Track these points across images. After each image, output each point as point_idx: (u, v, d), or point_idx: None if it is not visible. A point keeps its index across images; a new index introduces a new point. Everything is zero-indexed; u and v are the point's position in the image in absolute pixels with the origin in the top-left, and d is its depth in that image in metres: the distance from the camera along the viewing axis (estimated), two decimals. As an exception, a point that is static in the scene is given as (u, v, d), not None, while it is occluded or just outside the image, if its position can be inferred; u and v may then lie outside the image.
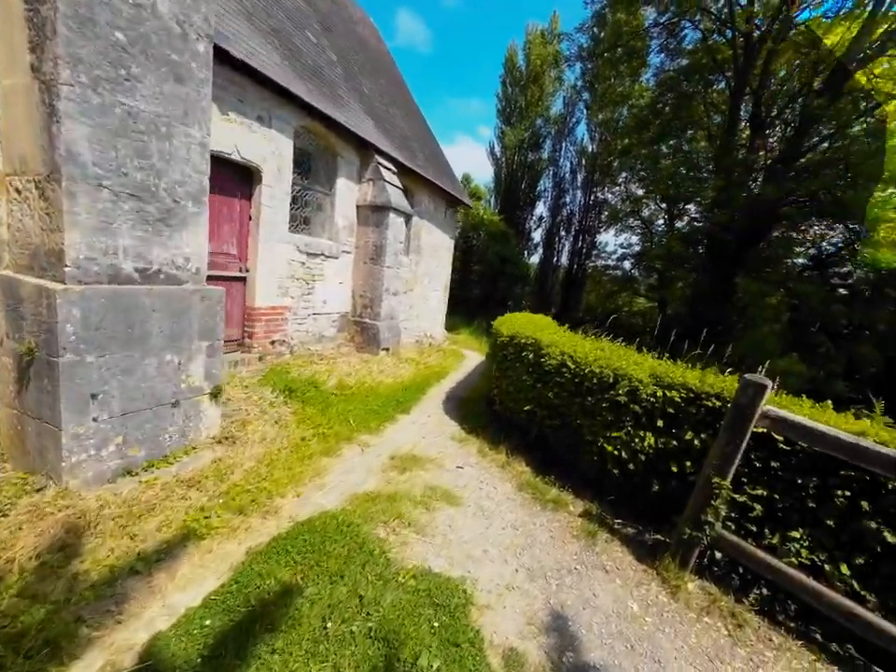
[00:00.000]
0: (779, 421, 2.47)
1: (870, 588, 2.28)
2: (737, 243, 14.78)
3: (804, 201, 13.68)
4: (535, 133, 29.53)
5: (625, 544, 3.04)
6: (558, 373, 3.76)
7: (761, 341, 12.48)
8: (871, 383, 18.28)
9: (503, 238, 24.23)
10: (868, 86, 14.51)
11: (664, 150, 19.74)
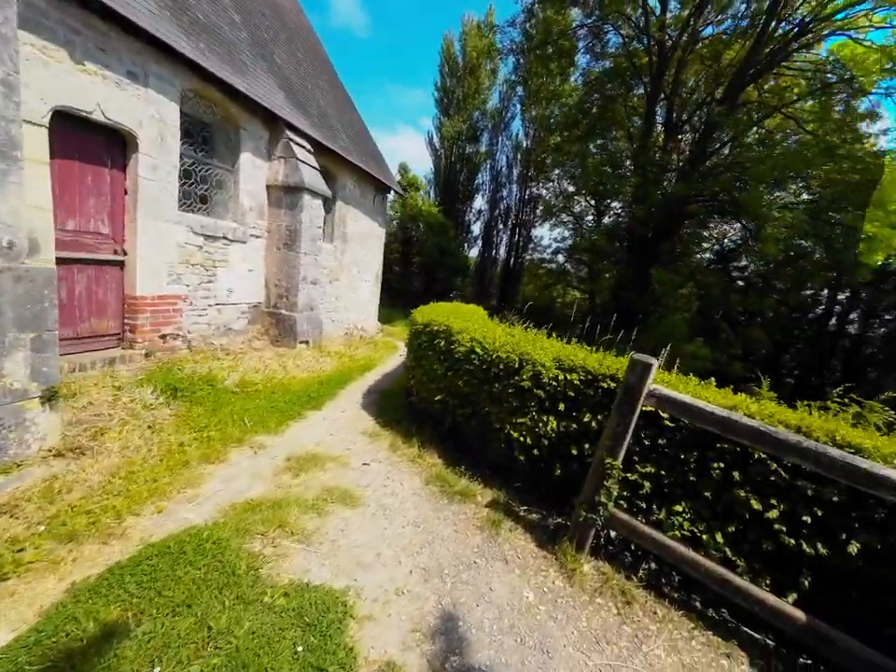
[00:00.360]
0: (664, 399, 2.50)
1: (740, 553, 2.39)
2: (653, 237, 15.95)
3: (708, 200, 15.06)
4: (472, 126, 29.60)
5: (529, 531, 2.98)
6: (468, 360, 3.63)
7: (673, 327, 13.58)
8: (762, 363, 20.84)
9: (442, 230, 24.10)
10: (758, 99, 16.25)
11: (591, 149, 20.73)
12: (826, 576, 2.21)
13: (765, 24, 14.30)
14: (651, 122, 17.49)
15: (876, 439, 2.27)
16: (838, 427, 2.32)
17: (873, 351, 17.19)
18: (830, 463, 2.02)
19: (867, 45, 14.17)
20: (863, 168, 12.78)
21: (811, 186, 13.77)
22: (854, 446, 2.17)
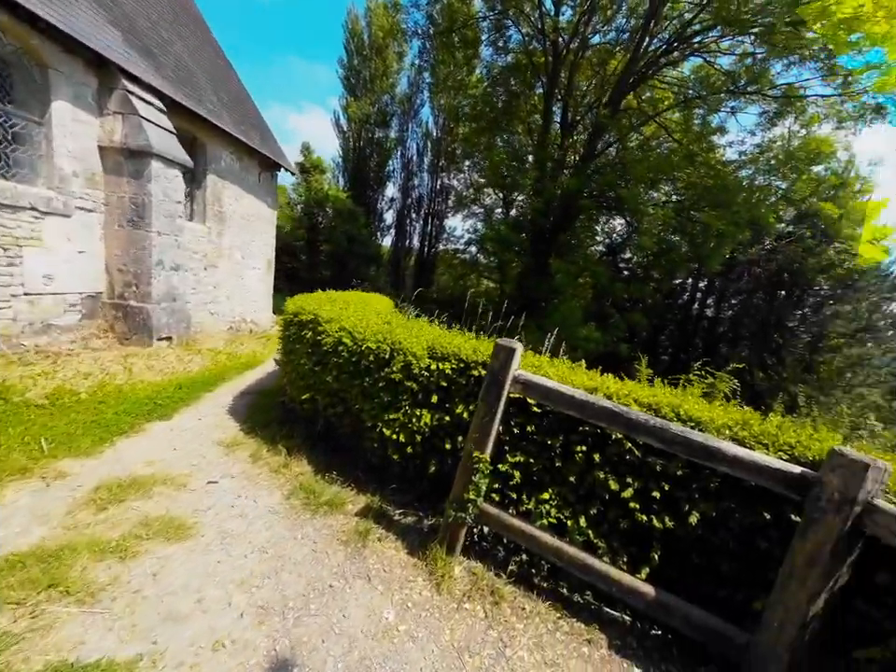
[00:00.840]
0: (528, 385, 2.37)
1: (601, 535, 2.38)
2: (553, 229, 16.94)
3: (597, 196, 16.40)
4: (382, 110, 28.49)
5: (401, 537, 2.70)
6: (336, 353, 3.21)
7: (569, 313, 14.60)
8: (644, 343, 23.63)
9: (352, 217, 22.91)
10: (637, 107, 18.00)
11: (498, 142, 21.27)
12: (673, 547, 2.27)
13: (641, 39, 15.78)
14: (549, 120, 18.45)
15: (713, 411, 2.38)
16: (682, 401, 2.40)
17: (724, 330, 20.50)
18: (672, 438, 2.04)
19: (717, 68, 16.49)
20: (715, 174, 14.95)
21: (678, 187, 15.71)
22: (694, 419, 2.24)
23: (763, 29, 13.10)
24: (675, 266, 16.70)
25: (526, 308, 17.23)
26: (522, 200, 21.80)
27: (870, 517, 1.64)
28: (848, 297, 15.33)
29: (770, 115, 16.05)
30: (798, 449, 2.02)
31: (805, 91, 14.56)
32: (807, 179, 15.57)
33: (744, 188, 15.03)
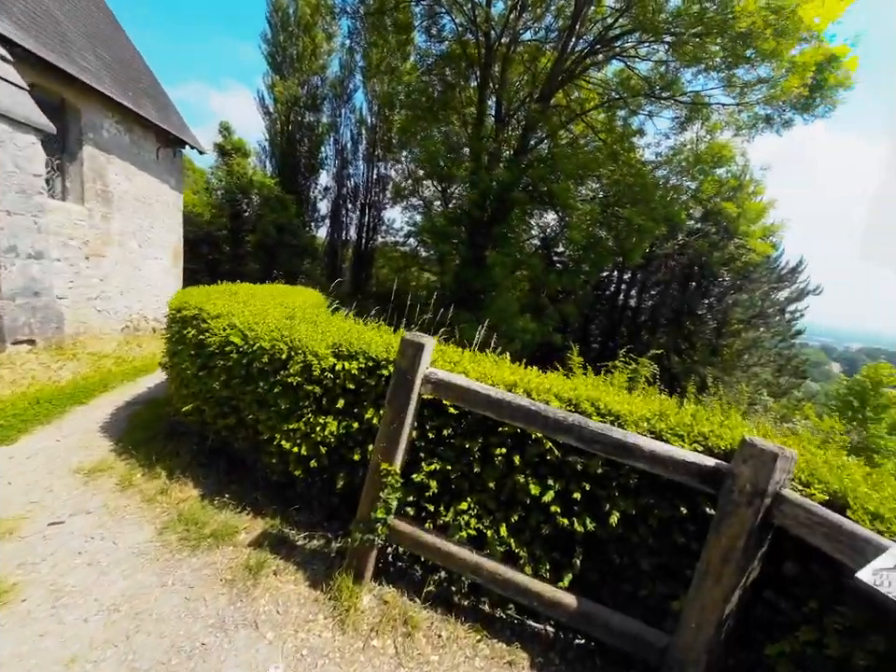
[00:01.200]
0: (440, 384, 2.10)
1: (522, 543, 2.19)
2: (489, 221, 17.05)
3: (529, 189, 16.74)
4: (312, 93, 26.78)
5: (303, 567, 2.32)
6: (223, 354, 2.71)
7: (506, 306, 14.81)
8: (576, 332, 24.86)
9: (281, 205, 21.33)
10: (566, 104, 18.62)
11: (435, 133, 20.90)
12: (595, 549, 2.15)
13: (567, 38, 16.27)
14: (483, 112, 18.46)
15: (632, 403, 2.29)
16: (602, 394, 2.28)
17: (645, 318, 22.18)
18: (591, 437, 1.88)
19: (636, 73, 17.53)
20: (636, 173, 15.93)
21: (603, 184, 16.52)
22: (614, 413, 2.12)
23: (674, 38, 14.09)
24: (602, 259, 17.62)
25: (465, 300, 17.26)
26: (459, 191, 21.75)
27: (779, 508, 1.59)
28: (745, 287, 17.25)
29: (681, 120, 17.42)
30: (712, 439, 1.96)
31: (710, 100, 15.98)
32: (712, 181, 17.18)
33: (660, 186, 16.19)
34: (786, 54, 11.89)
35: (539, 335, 17.04)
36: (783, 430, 8.74)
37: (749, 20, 10.73)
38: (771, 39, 11.02)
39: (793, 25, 10.38)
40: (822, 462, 1.87)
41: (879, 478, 1.84)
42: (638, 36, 16.01)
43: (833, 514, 1.45)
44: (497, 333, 14.83)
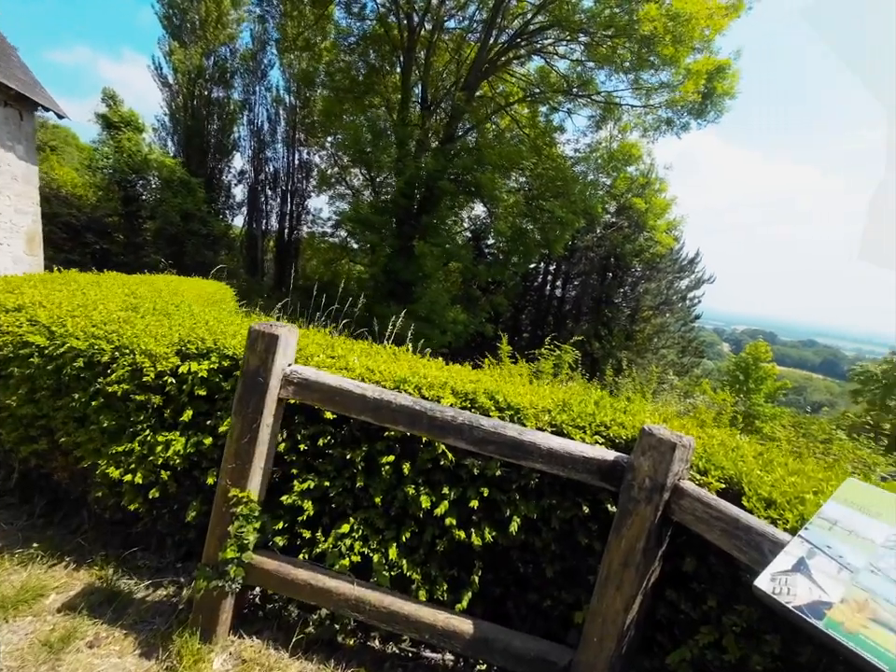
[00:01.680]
0: (305, 385, 1.69)
1: (415, 563, 1.89)
2: (418, 211, 16.66)
3: (456, 178, 16.62)
4: (221, 66, 24.15)
5: (136, 629, 1.79)
6: (20, 358, 2.03)
7: (437, 297, 14.61)
8: (507, 322, 25.54)
9: (187, 189, 18.99)
10: (491, 96, 18.73)
11: (360, 118, 19.87)
12: (497, 559, 1.91)
13: (489, 29, 16.28)
14: (408, 98, 17.92)
15: (536, 393, 2.08)
16: (502, 386, 2.03)
17: (569, 307, 23.41)
18: (483, 437, 1.61)
19: (556, 70, 18.14)
20: (557, 167, 16.53)
21: (527, 176, 16.92)
22: (514, 407, 1.88)
23: (589, 39, 14.73)
24: (529, 251, 18.15)
25: (395, 293, 16.76)
26: (385, 179, 21.02)
27: (677, 503, 1.44)
28: (654, 277, 18.85)
29: (597, 119, 18.43)
30: (613, 429, 1.80)
31: (621, 101, 17.04)
32: (624, 177, 18.46)
33: (579, 181, 16.99)
34: (682, 61, 12.95)
35: (471, 326, 17.14)
36: (686, 405, 9.53)
37: (652, 24, 11.47)
38: (670, 45, 11.91)
39: (688, 33, 11.28)
40: (718, 444, 1.79)
41: (769, 455, 1.81)
42: (557, 34, 16.53)
43: (729, 507, 1.31)
44: (429, 325, 14.47)
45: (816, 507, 1.30)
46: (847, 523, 1.10)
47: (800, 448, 6.38)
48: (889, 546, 1.01)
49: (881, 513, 1.09)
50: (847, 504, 1.15)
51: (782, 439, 10.93)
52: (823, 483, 1.48)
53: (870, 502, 1.13)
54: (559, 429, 1.79)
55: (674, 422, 1.99)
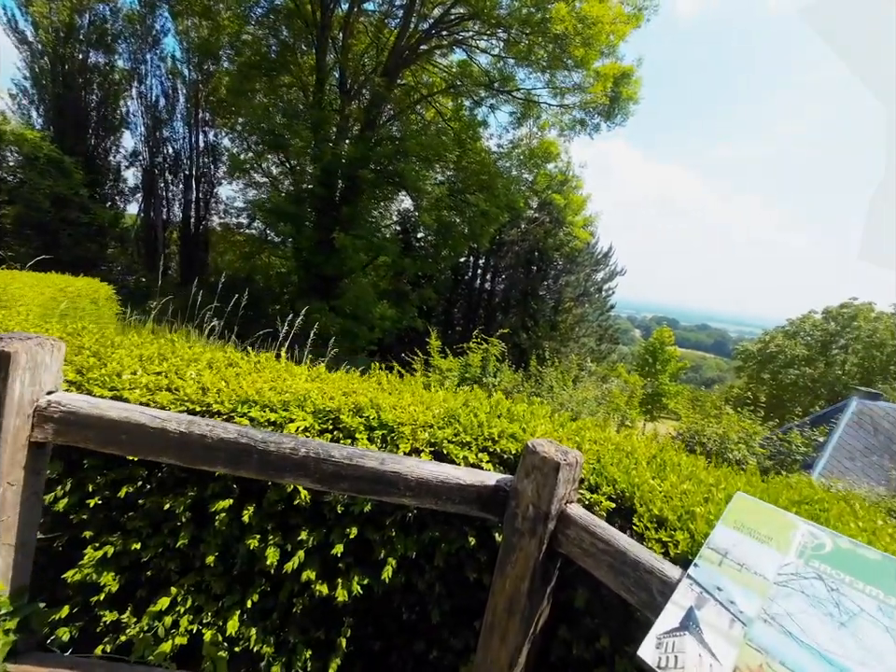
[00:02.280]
0: (70, 421, 1.19)
1: (267, 632, 1.48)
2: (339, 202, 15.74)
3: (380, 169, 15.99)
4: (99, 26, 20.76)
5: None
6: None
7: (362, 293, 13.95)
8: (440, 317, 25.48)
9: (59, 170, 16.09)
10: (414, 84, 18.27)
11: (274, 100, 18.18)
12: (373, 609, 1.58)
13: (409, 14, 15.78)
14: (324, 80, 16.80)
15: (425, 401, 1.77)
16: (379, 399, 1.69)
17: (498, 300, 23.98)
18: (333, 473, 1.25)
19: (478, 65, 18.17)
20: (480, 161, 16.61)
21: (450, 168, 16.82)
22: (388, 425, 1.55)
23: (508, 35, 14.90)
24: (457, 244, 18.13)
25: (317, 288, 15.73)
26: (304, 167, 19.61)
27: (564, 532, 1.21)
28: (573, 270, 19.92)
29: (518, 115, 18.85)
30: (502, 443, 1.55)
31: (540, 99, 17.59)
32: (544, 174, 19.17)
33: (503, 176, 17.28)
34: (592, 64, 13.62)
35: (402, 322, 16.71)
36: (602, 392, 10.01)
37: (563, 24, 11.85)
38: (580, 47, 12.42)
39: (595, 36, 11.83)
40: (614, 449, 1.63)
41: (664, 456, 1.69)
42: (478, 27, 16.54)
43: (617, 538, 1.11)
44: (356, 321, 13.61)
45: (705, 523, 1.14)
46: (737, 553, 0.92)
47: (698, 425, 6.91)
48: (780, 582, 0.84)
49: (771, 536, 0.93)
50: (736, 527, 0.98)
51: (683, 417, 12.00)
52: (714, 490, 1.36)
53: (759, 522, 0.97)
54: (439, 449, 1.50)
55: (570, 426, 1.80)
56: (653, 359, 27.61)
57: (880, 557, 0.84)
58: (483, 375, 8.21)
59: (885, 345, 22.11)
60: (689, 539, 1.12)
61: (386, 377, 2.16)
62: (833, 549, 0.88)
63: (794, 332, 25.79)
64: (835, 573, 0.83)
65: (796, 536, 0.92)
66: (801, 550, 0.89)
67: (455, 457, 1.45)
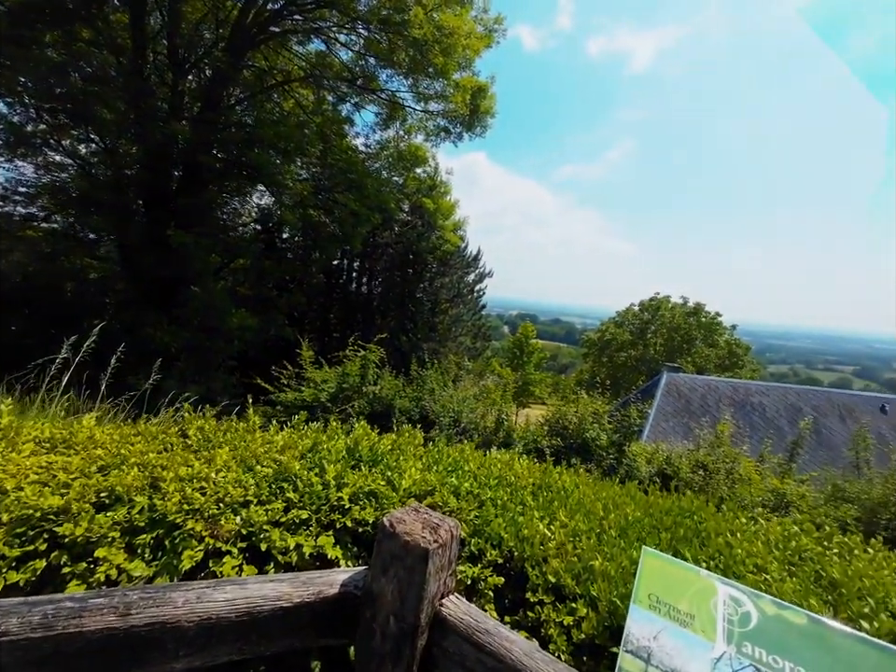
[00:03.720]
0: None
1: None
2: (176, 192, 13.11)
3: (231, 159, 13.85)
4: None
5: None
6: None
7: (213, 300, 11.84)
8: (315, 323, 23.63)
9: None
10: (267, 67, 16.39)
11: (73, 59, 14.01)
12: None
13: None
14: (145, 44, 13.78)
15: (243, 450, 1.22)
16: (172, 459, 1.08)
17: (377, 304, 23.36)
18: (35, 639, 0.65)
19: (338, 59, 17.26)
20: (347, 158, 15.80)
21: (315, 164, 15.63)
22: (164, 519, 0.97)
23: (367, 31, 14.43)
24: (327, 245, 16.91)
25: (152, 296, 12.80)
26: (124, 148, 15.80)
27: (440, 645, 0.85)
28: (447, 272, 20.59)
29: (384, 117, 18.56)
30: (355, 512, 1.12)
31: (405, 103, 17.59)
32: (413, 178, 19.30)
33: (372, 176, 16.76)
34: (451, 74, 14.13)
35: (266, 331, 14.84)
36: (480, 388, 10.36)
37: (421, 31, 11.95)
38: (440, 55, 12.72)
39: (453, 46, 12.26)
40: (496, 484, 1.35)
41: (546, 479, 1.49)
42: (337, 19, 15.66)
43: (510, 646, 0.79)
44: (207, 335, 11.28)
45: (605, 580, 0.91)
46: (661, 654, 0.67)
47: (560, 412, 7.56)
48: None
49: (692, 614, 0.72)
50: (652, 606, 0.74)
51: (548, 403, 13.27)
52: (604, 523, 1.17)
53: (674, 592, 0.76)
54: (257, 542, 0.99)
55: (445, 462, 1.47)
56: (521, 352, 30.66)
57: (805, 620, 0.68)
58: (362, 384, 7.67)
59: (680, 329, 28.63)
60: (593, 615, 0.87)
61: (201, 426, 1.52)
62: (759, 619, 0.70)
63: (621, 322, 31.55)
64: (772, 661, 0.64)
65: (718, 607, 0.72)
66: (728, 630, 0.69)
67: (282, 551, 0.97)
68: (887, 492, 3.71)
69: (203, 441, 1.39)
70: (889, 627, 0.94)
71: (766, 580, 1.05)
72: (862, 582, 1.09)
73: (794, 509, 3.69)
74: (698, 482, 4.60)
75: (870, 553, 1.34)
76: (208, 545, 0.93)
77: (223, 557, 0.94)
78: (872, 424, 13.19)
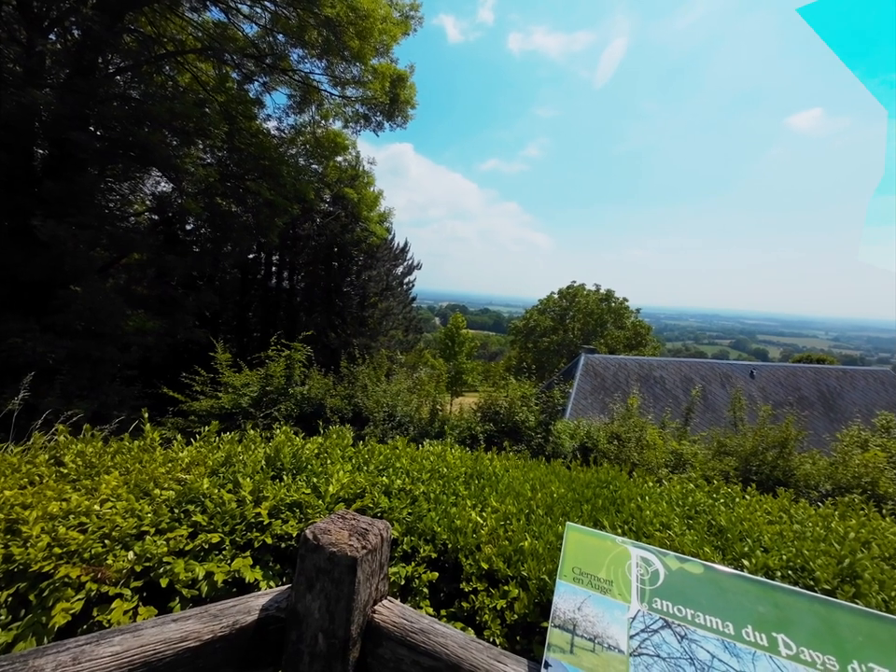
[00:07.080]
0: None
1: None
2: (42, 174, 11.01)
3: (114, 138, 11.94)
4: None
5: None
6: None
7: (100, 302, 10.22)
8: (231, 322, 21.66)
9: None
10: (153, 32, 14.38)
11: None
12: None
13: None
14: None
15: (136, 474, 1.05)
16: (43, 494, 0.89)
17: (300, 300, 22.08)
18: None
19: (242, 32, 15.68)
20: (258, 143, 14.54)
21: (221, 147, 14.16)
22: (29, 571, 0.80)
23: (275, 8, 13.29)
24: (240, 238, 15.51)
25: (21, 300, 10.70)
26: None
27: (374, 653, 0.82)
28: (374, 265, 20.11)
29: (297, 99, 17.35)
30: (275, 527, 1.02)
31: (321, 87, 16.60)
32: (334, 167, 18.41)
33: (288, 164, 15.65)
34: (368, 60, 13.64)
35: (172, 334, 13.27)
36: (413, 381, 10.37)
37: (334, 10, 11.32)
38: (355, 38, 12.19)
39: (369, 29, 11.82)
40: (428, 477, 1.34)
41: (478, 466, 1.51)
42: None
43: (445, 641, 0.78)
44: (96, 341, 9.78)
45: (534, 558, 0.95)
46: (585, 623, 0.71)
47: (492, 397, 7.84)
48: (635, 651, 0.66)
49: (611, 580, 0.76)
50: (576, 578, 0.78)
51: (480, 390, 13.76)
52: (532, 503, 1.22)
53: (595, 562, 0.81)
54: (156, 577, 0.86)
55: (378, 460, 1.42)
56: (452, 342, 31.26)
57: (702, 570, 0.77)
58: (288, 385, 7.23)
59: (594, 314, 31.31)
60: (524, 594, 0.90)
61: (81, 450, 1.29)
62: (666, 575, 0.77)
63: (543, 309, 33.63)
64: (677, 611, 0.71)
65: (632, 569, 0.78)
66: (640, 590, 0.75)
67: (187, 584, 0.85)
68: (756, 443, 4.46)
69: (83, 468, 1.18)
70: (763, 561, 1.11)
71: (670, 535, 1.18)
72: (742, 526, 1.28)
73: (689, 466, 4.26)
74: (613, 451, 5.09)
75: (747, 499, 1.58)
76: (90, 591, 0.79)
77: (112, 602, 0.80)
78: (744, 387, 15.71)
